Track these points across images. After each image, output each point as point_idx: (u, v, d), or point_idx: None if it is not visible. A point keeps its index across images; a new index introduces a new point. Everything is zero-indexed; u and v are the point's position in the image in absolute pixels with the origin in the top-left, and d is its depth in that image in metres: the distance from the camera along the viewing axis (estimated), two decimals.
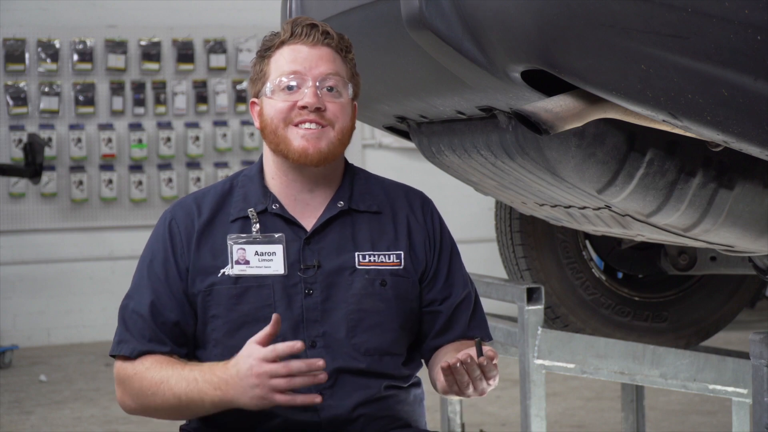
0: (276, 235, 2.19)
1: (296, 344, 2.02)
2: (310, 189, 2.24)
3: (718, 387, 3.29)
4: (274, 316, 2.05)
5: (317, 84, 2.18)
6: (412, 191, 2.35)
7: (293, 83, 2.19)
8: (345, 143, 2.22)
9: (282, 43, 2.21)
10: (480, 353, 2.01)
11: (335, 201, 2.25)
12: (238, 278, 2.19)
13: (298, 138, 2.17)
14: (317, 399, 2.05)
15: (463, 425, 3.93)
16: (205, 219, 2.23)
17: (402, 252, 2.25)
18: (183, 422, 2.29)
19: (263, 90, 2.22)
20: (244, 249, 2.19)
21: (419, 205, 2.32)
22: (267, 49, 2.23)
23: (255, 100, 2.26)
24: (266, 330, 2.04)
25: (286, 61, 2.20)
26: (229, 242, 2.19)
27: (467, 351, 2.04)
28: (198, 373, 2.11)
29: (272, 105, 2.20)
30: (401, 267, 2.24)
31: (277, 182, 2.25)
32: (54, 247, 8.20)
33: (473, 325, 2.30)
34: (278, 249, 2.19)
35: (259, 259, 2.19)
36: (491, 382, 2.05)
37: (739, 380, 3.26)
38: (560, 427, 5.39)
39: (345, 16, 2.83)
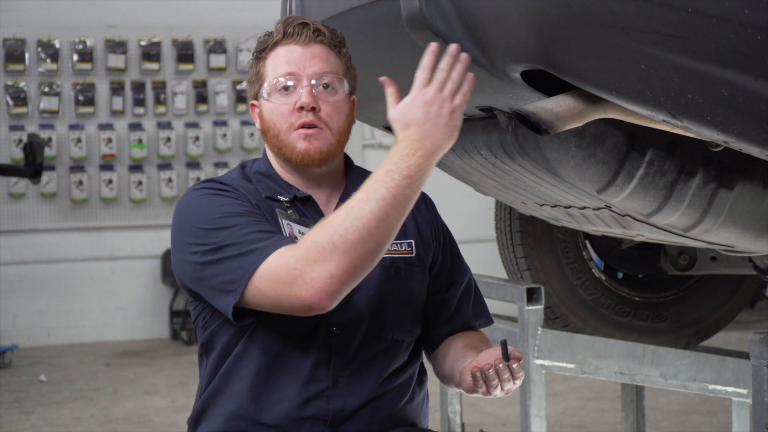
0: (312, 221, 2.19)
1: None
2: (317, 186, 2.27)
3: (718, 387, 3.29)
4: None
5: (313, 83, 2.19)
6: None
7: (290, 84, 2.20)
8: (343, 142, 2.24)
9: (275, 44, 2.23)
10: (506, 354, 2.07)
11: (347, 194, 2.24)
12: None
13: (300, 140, 2.19)
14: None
15: (463, 425, 3.93)
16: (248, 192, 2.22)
17: (413, 240, 2.29)
18: (190, 414, 2.28)
19: (261, 92, 2.24)
20: (291, 225, 2.20)
21: (420, 197, 2.33)
22: (262, 51, 2.25)
23: (255, 102, 2.27)
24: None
25: (281, 62, 2.21)
26: (279, 217, 2.19)
27: (496, 354, 2.07)
28: (378, 174, 2.01)
29: (272, 109, 2.22)
30: (413, 255, 2.28)
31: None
32: (54, 247, 8.20)
33: (476, 311, 2.37)
34: None
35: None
36: (517, 381, 2.09)
37: (739, 380, 3.26)
38: (560, 427, 5.39)
39: (345, 16, 2.83)
